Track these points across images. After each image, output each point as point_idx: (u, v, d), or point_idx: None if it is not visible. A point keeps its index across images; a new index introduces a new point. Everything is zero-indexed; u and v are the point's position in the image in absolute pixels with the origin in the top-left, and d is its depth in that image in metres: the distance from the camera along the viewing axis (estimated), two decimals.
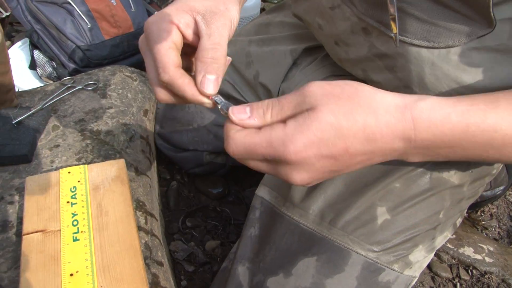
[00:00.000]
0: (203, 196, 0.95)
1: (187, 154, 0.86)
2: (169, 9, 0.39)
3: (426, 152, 0.37)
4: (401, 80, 0.45)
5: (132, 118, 0.81)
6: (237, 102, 0.72)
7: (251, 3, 1.26)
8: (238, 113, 0.35)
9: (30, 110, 0.75)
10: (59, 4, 1.01)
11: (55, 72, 1.04)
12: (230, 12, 0.39)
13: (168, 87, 0.38)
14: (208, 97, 0.37)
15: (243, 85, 0.75)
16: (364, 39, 0.46)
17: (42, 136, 0.74)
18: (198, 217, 0.92)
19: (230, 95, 0.76)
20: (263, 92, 0.73)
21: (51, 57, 1.04)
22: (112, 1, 1.04)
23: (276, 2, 1.52)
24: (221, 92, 0.38)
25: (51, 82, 1.02)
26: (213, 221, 0.91)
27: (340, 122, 0.32)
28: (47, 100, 0.79)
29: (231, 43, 0.46)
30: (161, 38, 0.37)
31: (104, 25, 1.03)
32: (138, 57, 1.09)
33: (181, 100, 0.39)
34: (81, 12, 1.00)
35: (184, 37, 0.39)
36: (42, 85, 1.04)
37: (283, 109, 0.34)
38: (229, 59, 0.40)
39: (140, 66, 1.13)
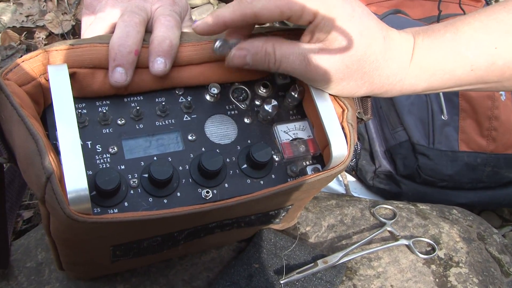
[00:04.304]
0: None
1: None
2: None
3: None
4: None
5: None
6: None
7: None
8: None
9: (314, 266, 0.38)
10: None
11: (354, 159, 0.67)
12: None
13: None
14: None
15: None
16: None
17: None
18: None
19: None
20: None
21: (360, 135, 0.67)
22: (501, 94, 0.60)
23: None
24: None
25: (345, 176, 0.65)
26: None
27: None
28: (346, 251, 0.40)
29: None
30: None
31: (468, 127, 0.59)
32: (489, 195, 0.62)
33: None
34: (443, 97, 0.60)
35: None
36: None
37: None
38: None
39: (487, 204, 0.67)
